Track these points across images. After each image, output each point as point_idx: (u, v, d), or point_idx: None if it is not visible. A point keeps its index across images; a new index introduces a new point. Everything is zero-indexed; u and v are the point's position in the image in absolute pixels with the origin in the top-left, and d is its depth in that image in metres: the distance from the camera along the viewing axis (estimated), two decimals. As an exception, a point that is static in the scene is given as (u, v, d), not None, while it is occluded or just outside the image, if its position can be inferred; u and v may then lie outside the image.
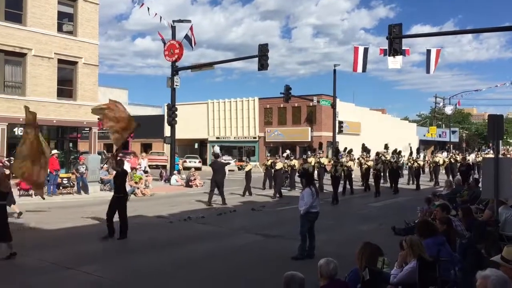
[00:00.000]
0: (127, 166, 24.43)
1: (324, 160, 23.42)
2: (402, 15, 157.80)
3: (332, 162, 20.68)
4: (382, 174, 23.61)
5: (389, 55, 19.27)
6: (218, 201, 17.51)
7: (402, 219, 12.58)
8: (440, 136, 65.01)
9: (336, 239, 11.14)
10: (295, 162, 23.37)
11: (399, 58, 20.50)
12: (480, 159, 32.19)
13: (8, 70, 22.58)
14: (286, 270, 4.56)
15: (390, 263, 6.34)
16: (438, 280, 5.45)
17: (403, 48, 19.21)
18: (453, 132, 67.50)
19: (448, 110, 60.85)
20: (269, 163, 22.85)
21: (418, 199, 16.42)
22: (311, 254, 9.12)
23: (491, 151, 37.00)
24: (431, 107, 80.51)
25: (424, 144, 58.70)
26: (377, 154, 22.35)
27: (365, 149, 23.50)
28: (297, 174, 21.88)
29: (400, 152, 23.88)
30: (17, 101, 22.24)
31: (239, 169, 21.87)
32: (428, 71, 21.63)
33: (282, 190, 20.80)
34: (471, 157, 34.20)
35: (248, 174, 21.08)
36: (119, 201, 11.16)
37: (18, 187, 18.94)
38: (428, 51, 21.67)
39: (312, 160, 22.68)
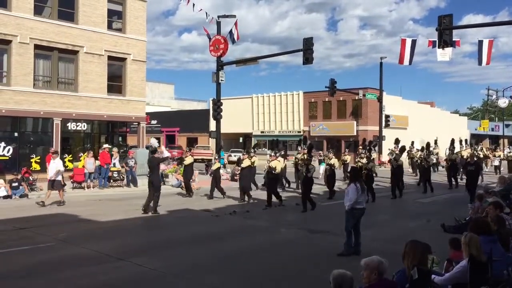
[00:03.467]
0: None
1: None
2: (454, 4, 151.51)
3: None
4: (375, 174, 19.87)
5: (438, 47, 18.69)
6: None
7: (451, 216, 12.25)
8: (492, 130, 62.60)
9: (383, 235, 10.98)
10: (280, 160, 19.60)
11: (448, 50, 19.84)
12: None
13: (62, 67, 23.44)
14: (331, 265, 4.55)
15: (439, 262, 6.21)
16: (490, 281, 5.29)
17: (453, 39, 18.59)
18: (507, 125, 64.82)
19: (502, 102, 58.42)
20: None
21: (468, 196, 15.94)
22: (357, 250, 9.05)
23: None
24: (483, 100, 77.84)
25: (476, 138, 56.72)
26: (369, 150, 18.95)
27: (365, 146, 19.96)
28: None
29: (403, 148, 20.87)
30: (70, 97, 23.10)
31: (206, 165, 18.29)
32: (480, 63, 20.84)
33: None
34: (504, 153, 30.94)
35: (215, 174, 18.22)
36: None
37: (71, 180, 19.77)
38: (480, 42, 20.88)
39: (299, 156, 20.38)
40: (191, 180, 20.75)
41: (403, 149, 20.54)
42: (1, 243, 9.87)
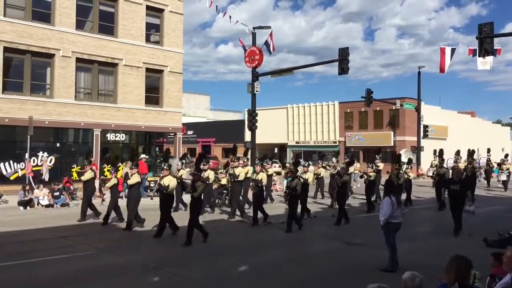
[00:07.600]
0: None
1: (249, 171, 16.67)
2: (496, 12, 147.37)
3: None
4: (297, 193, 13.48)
5: (478, 56, 18.20)
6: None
7: (493, 229, 11.81)
8: (537, 140, 60.31)
9: (422, 249, 10.69)
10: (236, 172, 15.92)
11: (489, 58, 19.28)
12: None
13: (102, 80, 24.13)
14: (368, 279, 4.46)
15: (482, 277, 5.99)
16: (537, 298, 5.05)
17: (494, 47, 18.08)
18: (552, 136, 62.30)
19: (546, 112, 56.23)
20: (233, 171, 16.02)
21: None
22: (394, 264, 8.82)
23: None
24: (526, 109, 75.00)
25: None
26: (294, 163, 15.37)
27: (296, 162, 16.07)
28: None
29: (351, 162, 17.38)
30: (109, 109, 23.71)
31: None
32: (523, 71, 20.14)
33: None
34: None
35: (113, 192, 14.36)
36: None
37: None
38: (523, 50, 20.23)
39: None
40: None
41: (350, 163, 17.12)
42: (42, 251, 10.15)
